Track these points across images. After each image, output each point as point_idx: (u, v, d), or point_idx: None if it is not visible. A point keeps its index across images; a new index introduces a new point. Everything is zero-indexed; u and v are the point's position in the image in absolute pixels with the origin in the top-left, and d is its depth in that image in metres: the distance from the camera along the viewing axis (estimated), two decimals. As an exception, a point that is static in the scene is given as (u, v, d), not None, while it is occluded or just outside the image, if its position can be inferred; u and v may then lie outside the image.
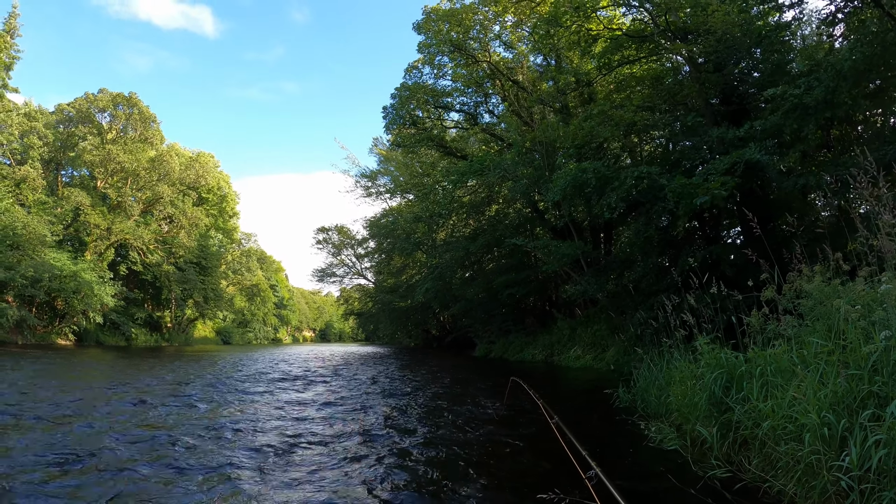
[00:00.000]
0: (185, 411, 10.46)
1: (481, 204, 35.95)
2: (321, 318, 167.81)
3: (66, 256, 45.90)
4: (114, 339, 52.41)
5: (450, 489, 5.70)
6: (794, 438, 5.11)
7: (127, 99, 55.89)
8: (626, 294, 19.88)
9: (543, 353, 27.41)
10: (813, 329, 5.97)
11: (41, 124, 52.30)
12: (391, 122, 31.86)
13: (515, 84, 29.96)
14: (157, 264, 58.29)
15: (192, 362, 26.61)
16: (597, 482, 4.31)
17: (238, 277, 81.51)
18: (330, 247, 66.10)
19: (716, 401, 6.80)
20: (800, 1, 16.05)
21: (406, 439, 8.16)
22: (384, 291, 57.52)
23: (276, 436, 8.30)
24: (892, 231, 5.08)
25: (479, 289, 34.98)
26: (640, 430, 8.35)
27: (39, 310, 45.36)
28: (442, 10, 29.30)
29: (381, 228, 52.92)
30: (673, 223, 16.93)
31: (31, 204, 47.57)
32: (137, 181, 56.08)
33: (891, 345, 4.57)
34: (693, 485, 5.56)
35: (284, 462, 6.77)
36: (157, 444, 7.48)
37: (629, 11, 20.87)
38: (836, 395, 4.84)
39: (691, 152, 17.44)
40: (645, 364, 10.44)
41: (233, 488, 5.62)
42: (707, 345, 7.79)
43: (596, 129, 19.48)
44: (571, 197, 18.80)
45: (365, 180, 54.51)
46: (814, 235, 13.47)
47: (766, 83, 16.39)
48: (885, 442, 4.04)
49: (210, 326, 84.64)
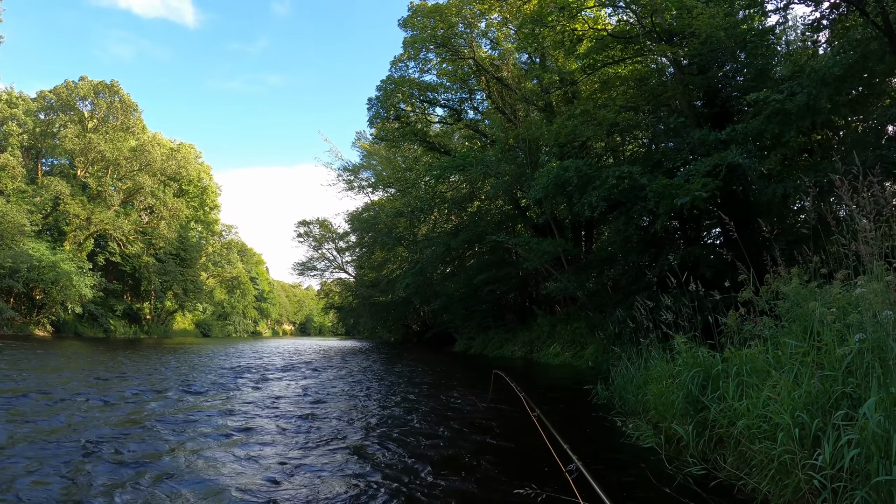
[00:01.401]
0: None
1: (463, 200, 35.97)
2: (301, 311, 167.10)
3: (44, 246, 45.32)
4: (92, 331, 51.82)
5: (428, 483, 5.71)
6: (769, 437, 5.18)
7: (108, 87, 55.24)
8: (606, 292, 20.00)
9: (523, 349, 27.51)
10: (789, 330, 6.05)
11: (21, 111, 51.65)
12: (375, 114, 31.77)
13: (500, 81, 29.95)
14: (137, 255, 57.69)
15: (168, 354, 26.49)
16: (577, 476, 4.35)
17: (218, 270, 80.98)
18: (311, 240, 65.78)
19: (692, 399, 6.87)
20: (785, 6, 16.18)
21: (384, 433, 8.17)
22: (365, 286, 57.34)
23: (248, 433, 8.29)
24: (869, 236, 5.15)
25: (460, 284, 35.00)
26: (617, 427, 8.42)
27: (17, 300, 44.80)
28: (427, 7, 29.23)
29: (362, 222, 52.76)
30: (653, 223, 17.04)
31: (11, 192, 46.92)
32: (118, 171, 55.40)
33: (864, 347, 4.64)
34: (669, 482, 5.62)
35: (258, 463, 6.75)
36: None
37: (615, 12, 20.93)
38: (811, 396, 4.91)
39: (673, 153, 17.52)
40: (623, 362, 10.53)
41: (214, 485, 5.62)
42: (684, 344, 7.87)
43: (579, 128, 19.53)
44: (553, 195, 18.88)
45: (347, 174, 54.32)
46: (794, 237, 13.61)
47: (750, 87, 16.50)
48: (858, 442, 4.11)
49: (189, 319, 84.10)
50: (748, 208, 16.68)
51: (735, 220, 7.80)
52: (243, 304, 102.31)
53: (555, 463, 5.25)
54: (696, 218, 18.34)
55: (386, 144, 38.75)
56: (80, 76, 56.45)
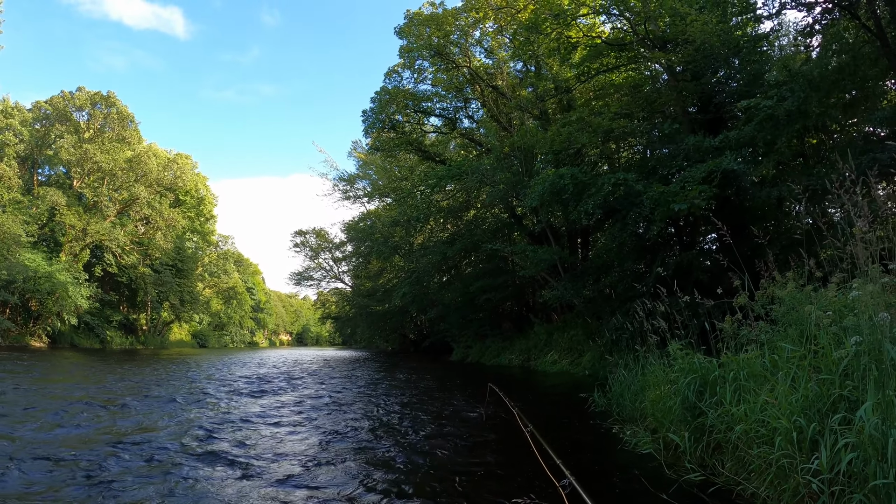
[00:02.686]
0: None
1: (459, 209, 35.94)
2: (298, 321, 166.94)
3: (40, 257, 45.28)
4: (88, 342, 51.69)
5: (423, 496, 5.68)
6: (766, 442, 5.16)
7: (105, 98, 55.31)
8: (603, 299, 20.01)
9: (520, 357, 27.46)
10: (785, 334, 6.04)
11: (17, 121, 51.65)
12: (370, 125, 31.85)
13: (495, 90, 30.02)
14: (133, 266, 57.62)
15: (167, 364, 26.39)
16: (570, 491, 4.33)
17: (214, 280, 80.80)
18: (307, 250, 65.64)
19: (689, 405, 6.85)
20: (778, 12, 16.27)
21: (379, 444, 8.14)
22: (362, 295, 57.22)
23: (251, 444, 8.27)
24: (865, 238, 5.15)
25: (457, 293, 34.96)
26: (614, 434, 8.40)
27: (13, 311, 44.64)
28: (424, 15, 29.32)
29: (358, 232, 52.73)
30: (648, 229, 17.07)
31: (7, 203, 46.85)
32: (114, 181, 55.33)
33: (861, 350, 4.63)
34: (667, 488, 5.60)
35: (261, 468, 6.73)
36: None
37: (609, 20, 20.98)
38: (808, 400, 4.90)
39: (668, 160, 17.56)
40: (620, 369, 10.51)
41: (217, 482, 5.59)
42: (680, 350, 7.85)
43: (574, 136, 19.56)
44: (549, 202, 18.90)
45: (343, 184, 54.21)
46: (789, 242, 13.62)
47: (744, 93, 16.57)
48: (855, 445, 4.10)
49: (186, 329, 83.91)
50: (743, 213, 16.71)
51: (730, 225, 7.80)
52: (240, 314, 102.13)
53: (549, 478, 5.23)
54: (691, 224, 18.37)
55: (382, 154, 38.76)
56: (77, 86, 56.62)
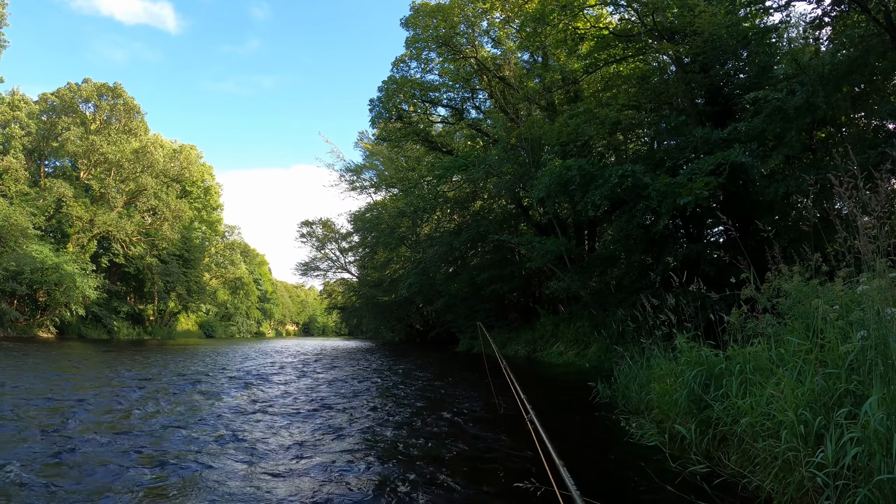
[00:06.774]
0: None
1: (466, 199, 35.93)
2: (304, 311, 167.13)
3: (48, 248, 45.27)
4: (96, 332, 51.83)
5: (425, 481, 5.73)
6: (772, 435, 5.17)
7: (111, 89, 55.26)
8: (609, 291, 19.97)
9: (526, 348, 27.50)
10: (792, 328, 6.03)
11: (24, 114, 51.71)
12: (377, 115, 31.85)
13: (502, 80, 29.94)
14: (140, 257, 57.69)
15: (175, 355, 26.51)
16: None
17: (221, 270, 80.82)
18: (314, 240, 65.60)
19: (695, 398, 6.87)
20: (787, 4, 16.14)
21: (383, 431, 8.19)
22: (368, 286, 57.31)
23: (260, 432, 8.31)
24: (871, 232, 5.14)
25: (463, 284, 34.99)
26: (620, 426, 8.42)
27: (21, 302, 44.83)
28: (430, 6, 29.27)
29: (365, 222, 52.77)
30: (655, 222, 17.03)
31: (14, 195, 46.93)
32: (121, 172, 55.34)
33: (867, 344, 4.62)
34: (672, 480, 5.62)
35: (266, 456, 6.78)
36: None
37: (616, 10, 20.87)
38: (814, 393, 4.90)
39: (676, 152, 17.48)
40: (626, 361, 10.52)
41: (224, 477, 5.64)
42: (687, 342, 7.85)
43: (581, 127, 19.51)
44: (556, 194, 18.85)
45: (350, 174, 54.05)
46: (796, 235, 13.58)
47: (752, 85, 16.47)
48: (860, 439, 4.10)
49: (193, 320, 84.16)
50: (751, 207, 16.64)
51: (737, 218, 7.81)
52: (246, 304, 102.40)
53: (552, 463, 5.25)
54: (698, 216, 18.31)
55: (388, 144, 38.67)
56: (83, 78, 56.57)
